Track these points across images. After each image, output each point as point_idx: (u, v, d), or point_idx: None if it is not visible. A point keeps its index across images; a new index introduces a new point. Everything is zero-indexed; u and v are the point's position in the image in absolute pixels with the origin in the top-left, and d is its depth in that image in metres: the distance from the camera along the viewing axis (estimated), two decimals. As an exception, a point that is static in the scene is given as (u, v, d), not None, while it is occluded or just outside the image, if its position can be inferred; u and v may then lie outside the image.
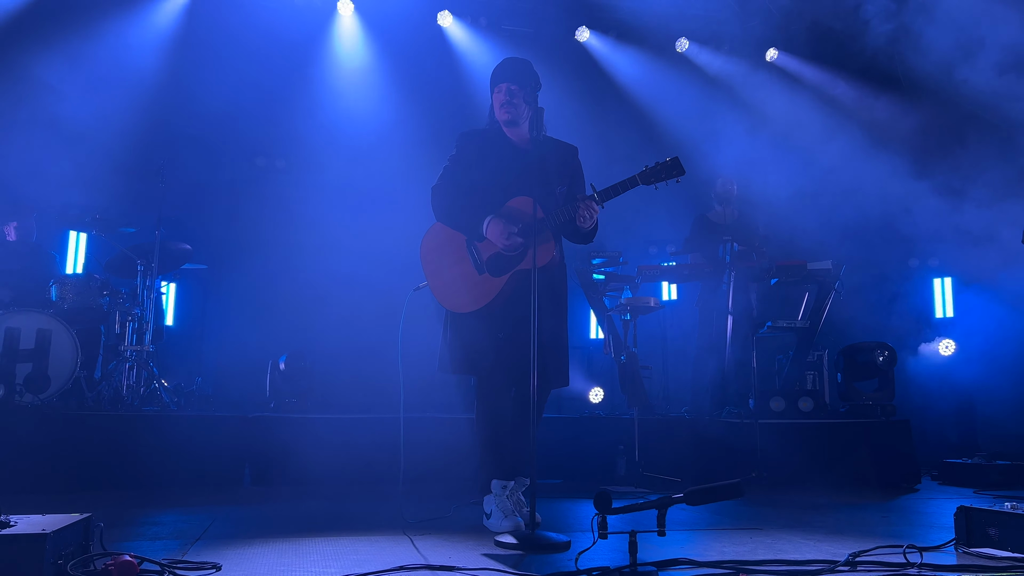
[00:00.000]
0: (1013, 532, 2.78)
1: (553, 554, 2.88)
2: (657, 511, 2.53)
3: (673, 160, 3.47)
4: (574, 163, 3.76)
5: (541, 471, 3.67)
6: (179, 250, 6.07)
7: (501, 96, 3.58)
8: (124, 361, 5.49)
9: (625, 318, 5.45)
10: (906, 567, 2.57)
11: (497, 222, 3.42)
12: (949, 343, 7.22)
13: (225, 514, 3.79)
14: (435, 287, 3.59)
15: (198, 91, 7.18)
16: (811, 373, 6.00)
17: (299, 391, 6.12)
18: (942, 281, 7.90)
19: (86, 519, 2.47)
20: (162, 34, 7.22)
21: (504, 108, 3.56)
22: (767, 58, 8.31)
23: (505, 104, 3.56)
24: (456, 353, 3.57)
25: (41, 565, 2.12)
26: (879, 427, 5.57)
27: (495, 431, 3.54)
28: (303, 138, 7.50)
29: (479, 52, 7.90)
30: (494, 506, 3.42)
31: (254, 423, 5.05)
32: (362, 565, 2.56)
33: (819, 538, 3.26)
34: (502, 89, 3.59)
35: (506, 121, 3.61)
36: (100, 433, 4.66)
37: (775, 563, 2.66)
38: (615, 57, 8.27)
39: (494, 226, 3.42)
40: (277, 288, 7.08)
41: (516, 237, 3.40)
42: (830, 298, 6.08)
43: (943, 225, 7.23)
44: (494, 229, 3.42)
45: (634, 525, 2.52)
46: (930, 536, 3.28)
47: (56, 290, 5.47)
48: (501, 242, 3.42)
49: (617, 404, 7.00)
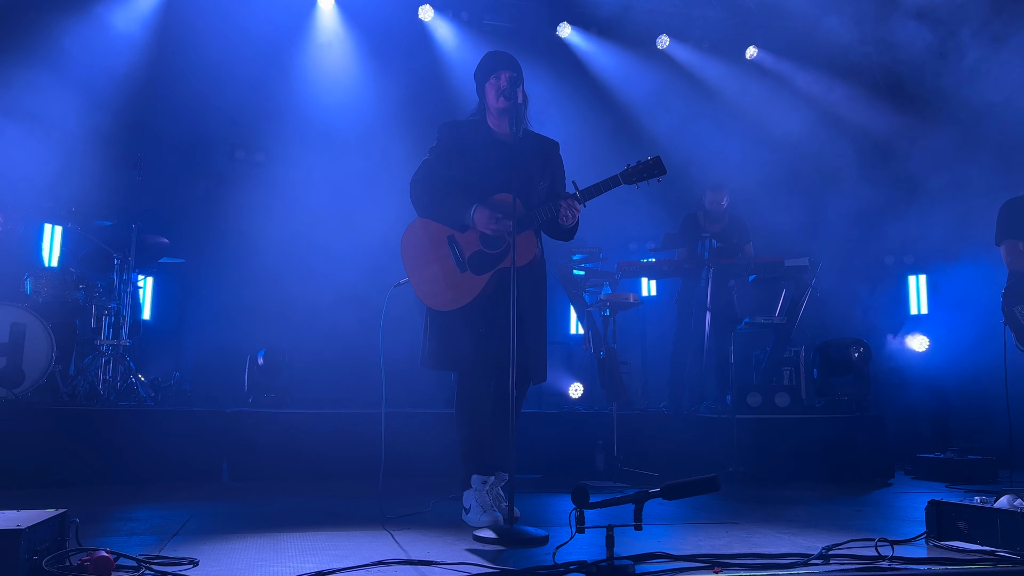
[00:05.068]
0: (982, 526, 2.82)
1: (531, 548, 2.90)
2: (634, 505, 2.55)
3: (655, 159, 3.47)
4: (555, 158, 3.76)
5: (520, 466, 3.69)
6: (156, 244, 6.01)
7: (501, 83, 3.54)
8: (100, 356, 5.44)
9: (605, 314, 5.48)
10: (877, 560, 2.61)
11: (484, 209, 3.42)
12: (923, 339, 7.32)
13: (203, 509, 3.77)
14: (416, 284, 3.57)
15: (176, 83, 7.10)
16: (788, 369, 6.06)
17: (277, 386, 6.10)
18: (916, 278, 8.00)
19: (61, 515, 2.45)
20: (140, 25, 7.12)
21: (504, 95, 3.50)
22: (747, 55, 8.35)
23: (506, 90, 3.50)
24: (437, 349, 3.56)
25: (16, 561, 2.10)
26: (854, 422, 5.64)
27: (475, 426, 3.54)
28: (282, 132, 7.45)
29: (460, 47, 7.88)
30: (473, 501, 3.43)
31: (232, 418, 5.02)
32: (341, 560, 2.56)
33: (793, 532, 3.30)
34: (502, 76, 3.56)
35: (504, 109, 3.54)
36: (76, 428, 4.61)
37: (750, 556, 2.68)
38: (596, 53, 8.28)
39: (481, 213, 3.41)
40: (255, 282, 7.02)
41: (504, 221, 3.37)
42: (807, 295, 6.15)
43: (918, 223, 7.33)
44: (481, 216, 3.41)
45: (611, 519, 2.54)
46: (902, 530, 3.32)
47: (31, 283, 5.40)
48: (489, 228, 3.41)
49: (596, 399, 7.04)
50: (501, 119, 3.62)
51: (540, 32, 8.21)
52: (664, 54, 8.31)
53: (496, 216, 3.40)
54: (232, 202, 7.19)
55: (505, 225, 3.37)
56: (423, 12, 7.82)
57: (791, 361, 6.08)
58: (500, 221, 3.39)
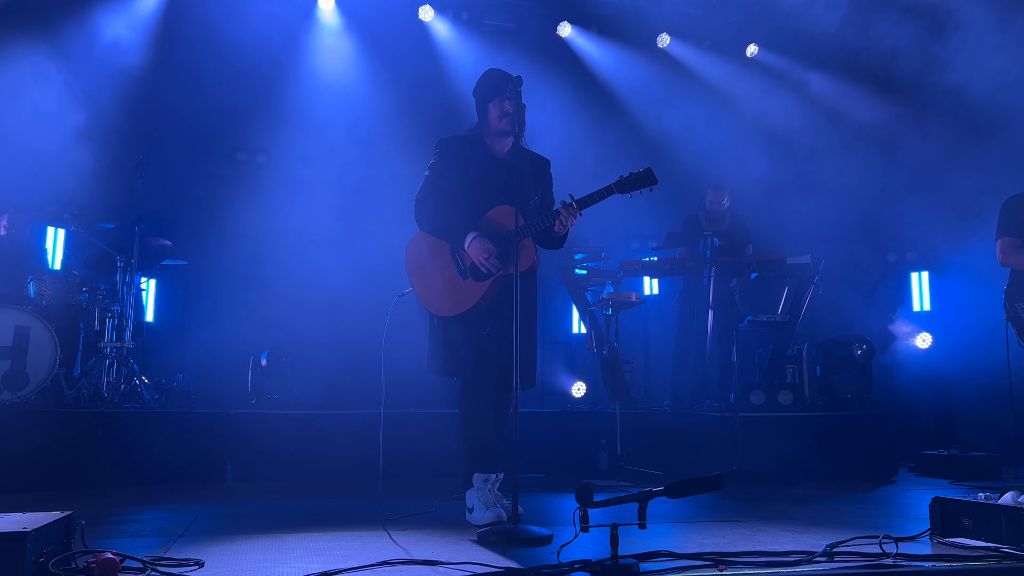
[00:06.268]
0: (986, 522, 2.82)
1: (535, 547, 2.91)
2: (638, 504, 2.56)
3: (646, 171, 3.56)
4: (547, 176, 3.92)
5: (524, 465, 3.70)
6: (159, 246, 6.02)
7: (508, 107, 3.62)
8: (104, 358, 5.45)
9: (607, 313, 5.48)
10: (882, 557, 2.61)
11: (479, 241, 3.53)
12: (926, 336, 7.31)
13: (207, 511, 3.78)
14: (419, 292, 3.73)
15: (178, 85, 7.12)
16: (790, 367, 6.06)
17: (280, 387, 6.10)
18: (919, 275, 7.99)
19: (67, 517, 2.46)
20: (142, 28, 7.14)
21: (508, 119, 3.61)
22: (747, 54, 8.35)
23: (511, 115, 3.57)
24: (441, 356, 3.68)
25: (22, 563, 2.11)
26: (857, 420, 5.64)
27: (477, 426, 3.61)
28: (284, 133, 7.45)
29: (461, 47, 7.88)
30: (476, 500, 3.46)
31: (235, 420, 5.03)
32: (345, 560, 2.57)
33: (798, 529, 3.31)
34: (506, 102, 3.63)
35: (503, 132, 3.67)
36: (80, 431, 4.62)
37: (754, 555, 2.69)
38: (597, 52, 8.28)
39: (476, 245, 3.54)
40: (258, 284, 7.03)
41: (494, 260, 3.52)
42: (809, 292, 6.14)
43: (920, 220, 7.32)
44: (476, 248, 3.54)
45: (615, 518, 2.54)
46: (906, 527, 3.32)
47: (35, 286, 5.41)
48: (480, 261, 3.53)
49: (599, 398, 7.03)
50: (500, 139, 3.75)
51: (540, 32, 8.20)
52: (664, 53, 8.31)
53: (490, 251, 3.52)
54: (234, 204, 7.19)
55: (494, 265, 3.51)
56: (423, 12, 7.82)
57: (794, 359, 6.08)
58: (491, 259, 3.52)
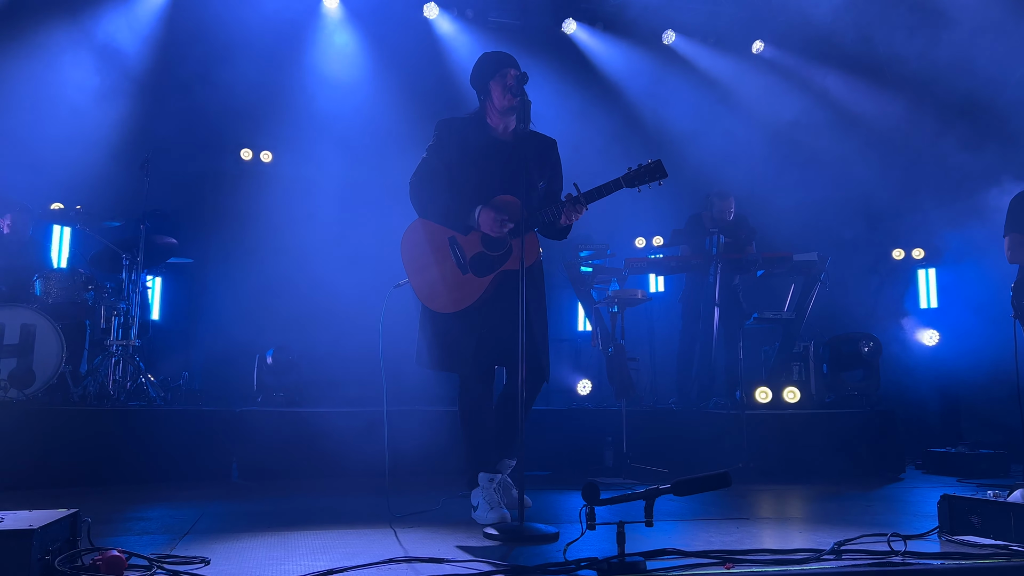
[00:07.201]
0: (995, 520, 2.81)
1: (541, 545, 2.90)
2: (645, 502, 2.55)
3: (656, 163, 3.42)
4: (554, 157, 3.73)
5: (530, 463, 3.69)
6: (164, 244, 6.03)
7: (510, 81, 3.49)
8: (110, 356, 5.45)
9: (613, 310, 5.47)
10: (890, 555, 2.59)
11: (489, 211, 3.40)
12: (933, 333, 7.28)
13: (213, 508, 3.78)
14: (417, 286, 3.56)
15: (183, 83, 7.11)
16: (797, 364, 6.03)
17: (286, 385, 6.11)
18: (926, 272, 7.95)
19: (73, 514, 2.45)
20: (148, 26, 7.15)
21: (512, 91, 3.45)
22: (753, 50, 8.32)
23: (513, 87, 3.45)
24: (437, 350, 3.55)
25: (28, 561, 2.10)
26: (864, 417, 5.61)
27: (478, 426, 3.55)
28: (289, 131, 7.46)
29: (465, 44, 7.87)
30: (481, 499, 3.43)
31: (241, 417, 5.04)
32: (351, 558, 2.56)
33: (805, 527, 3.29)
34: (508, 74, 3.52)
35: (511, 107, 3.49)
36: (86, 428, 4.63)
37: (761, 552, 2.67)
38: (602, 49, 8.26)
39: (486, 215, 3.39)
40: (263, 281, 7.03)
41: (509, 224, 3.37)
42: (816, 289, 6.11)
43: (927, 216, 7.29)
44: (486, 217, 3.39)
45: (622, 516, 2.53)
46: (914, 524, 3.31)
47: (40, 285, 5.42)
48: (494, 230, 3.39)
49: (605, 396, 7.02)
50: (504, 118, 3.59)
51: (545, 28, 8.19)
52: (670, 49, 8.28)
53: (501, 218, 3.39)
54: (239, 202, 7.20)
55: (509, 227, 3.37)
56: (428, 10, 7.81)
57: (800, 356, 6.06)
58: (505, 223, 3.38)
